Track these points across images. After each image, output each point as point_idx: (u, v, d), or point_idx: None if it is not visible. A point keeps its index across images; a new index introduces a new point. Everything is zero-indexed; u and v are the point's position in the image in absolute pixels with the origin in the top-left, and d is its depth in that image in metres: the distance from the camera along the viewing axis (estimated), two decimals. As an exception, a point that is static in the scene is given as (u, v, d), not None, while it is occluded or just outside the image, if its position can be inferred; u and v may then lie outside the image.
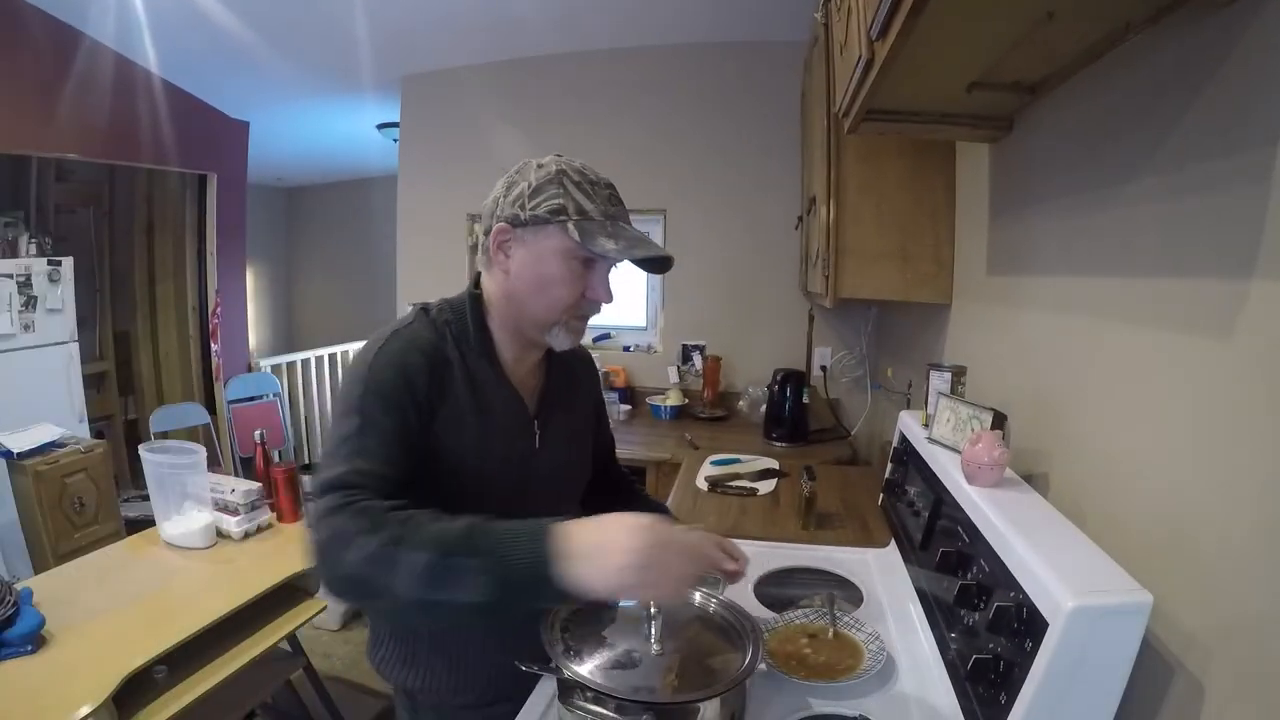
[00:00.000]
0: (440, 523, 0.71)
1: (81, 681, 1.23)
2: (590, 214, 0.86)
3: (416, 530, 0.69)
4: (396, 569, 0.67)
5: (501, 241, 0.89)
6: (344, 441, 0.79)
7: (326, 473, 0.77)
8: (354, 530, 0.69)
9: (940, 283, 1.64)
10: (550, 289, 0.89)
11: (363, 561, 0.68)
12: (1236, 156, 0.66)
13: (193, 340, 4.26)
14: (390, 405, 0.82)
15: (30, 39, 2.86)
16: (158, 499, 1.80)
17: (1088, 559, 0.75)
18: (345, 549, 0.69)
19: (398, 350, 0.86)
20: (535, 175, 0.88)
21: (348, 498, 0.73)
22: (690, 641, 0.87)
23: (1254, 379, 0.63)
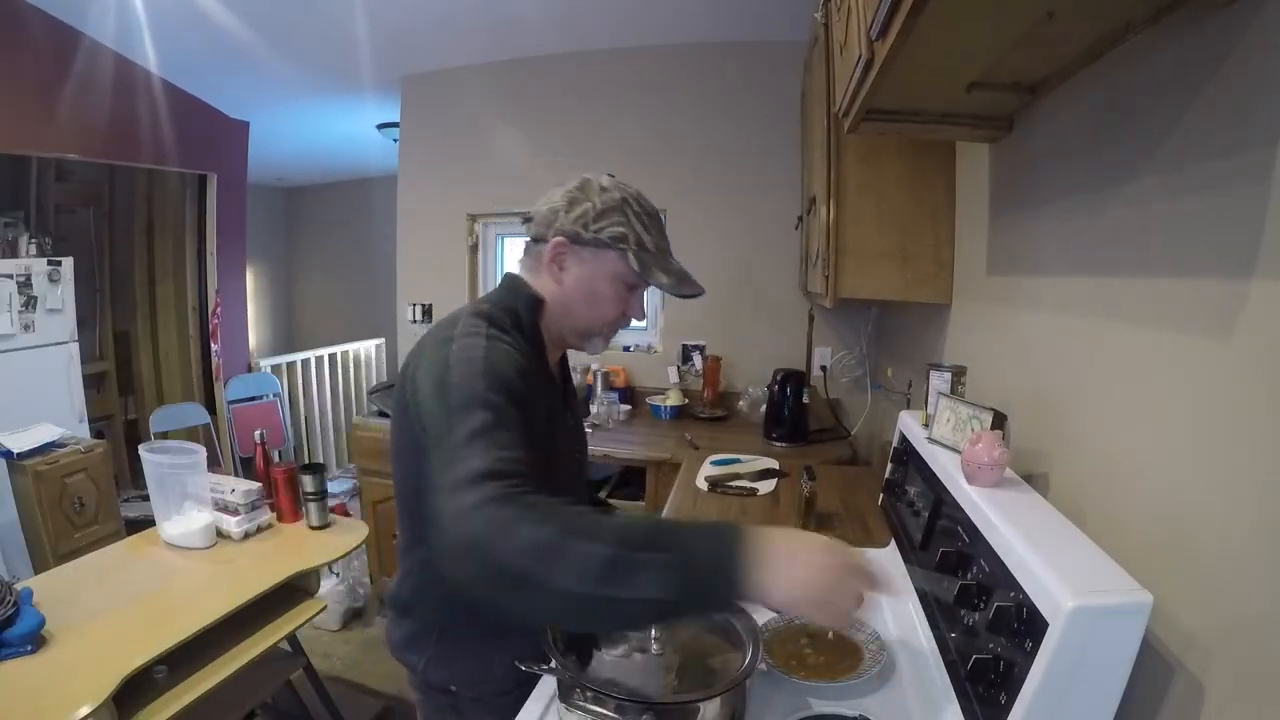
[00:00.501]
0: (618, 519, 0.72)
1: (81, 681, 1.23)
2: (648, 246, 0.96)
3: (595, 523, 0.67)
4: (569, 561, 0.63)
5: (558, 254, 0.96)
6: (476, 435, 0.74)
7: (467, 466, 0.71)
8: (525, 519, 0.66)
9: (940, 283, 1.64)
10: (599, 304, 0.99)
11: (529, 550, 0.64)
12: (1236, 156, 0.66)
13: (193, 340, 4.26)
14: (515, 398, 0.82)
15: (30, 39, 2.86)
16: (158, 499, 1.80)
17: (1088, 559, 0.75)
18: (509, 538, 0.65)
19: (503, 345, 0.88)
20: (600, 199, 0.95)
21: (509, 487, 0.68)
22: (690, 641, 0.89)
23: (1254, 379, 0.63)
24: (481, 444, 0.74)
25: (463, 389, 0.80)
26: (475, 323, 0.91)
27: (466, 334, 0.88)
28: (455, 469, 0.71)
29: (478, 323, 0.91)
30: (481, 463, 0.71)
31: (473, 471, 0.70)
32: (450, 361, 0.84)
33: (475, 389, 0.80)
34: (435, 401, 0.82)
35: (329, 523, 1.95)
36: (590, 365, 2.93)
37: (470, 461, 0.71)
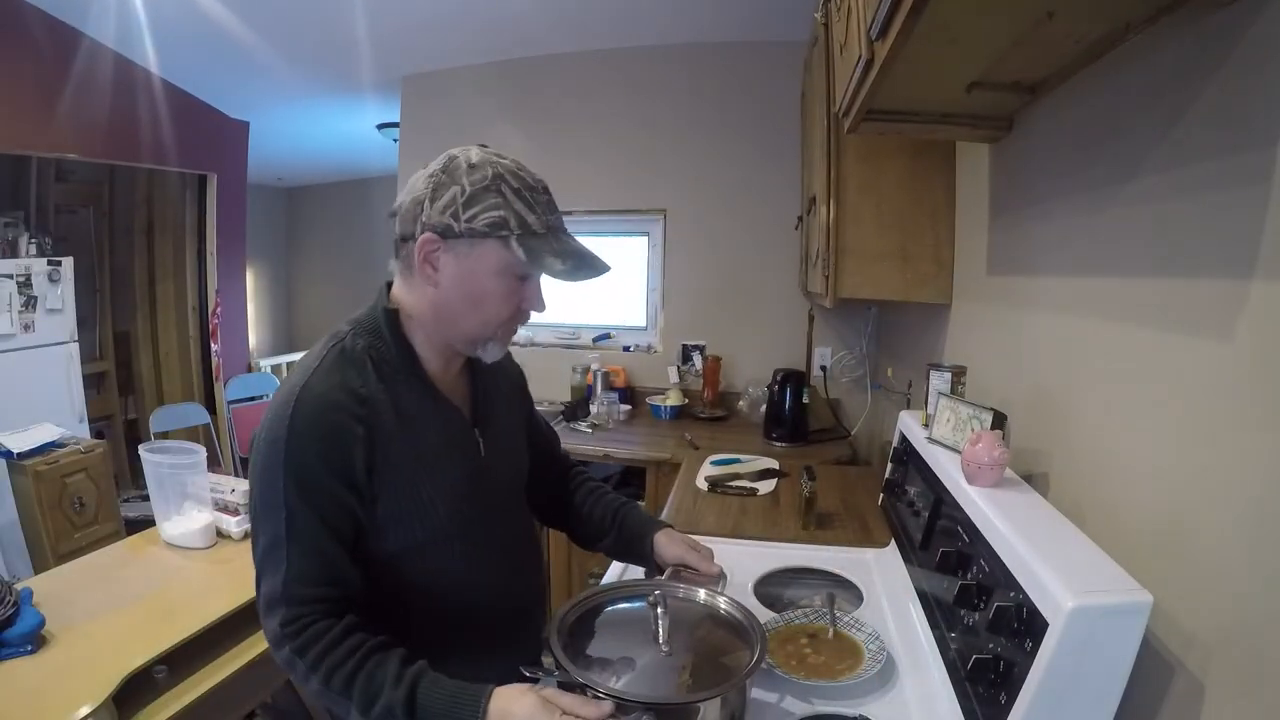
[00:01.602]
0: (383, 675, 0.74)
1: (81, 681, 1.23)
2: (533, 227, 0.80)
3: (361, 685, 0.74)
4: (347, 712, 0.75)
5: (429, 253, 0.81)
6: (276, 545, 0.77)
7: (266, 583, 0.78)
8: (303, 669, 0.75)
9: (940, 283, 1.64)
10: (485, 305, 0.83)
11: (318, 696, 0.77)
12: (1236, 156, 0.66)
13: (193, 340, 4.26)
14: (319, 497, 0.77)
15: (30, 39, 2.86)
16: (158, 499, 1.80)
17: (1088, 559, 0.75)
18: (301, 680, 0.76)
19: (313, 416, 0.77)
20: (469, 180, 0.79)
21: (291, 624, 0.76)
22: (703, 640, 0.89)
23: (1254, 379, 0.63)
24: (275, 558, 0.77)
25: (266, 484, 0.78)
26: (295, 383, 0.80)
27: (284, 402, 0.79)
28: (260, 582, 0.79)
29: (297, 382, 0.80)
30: (274, 583, 0.77)
31: (269, 594, 0.77)
32: (261, 446, 0.78)
33: (275, 486, 0.77)
34: (250, 482, 0.81)
35: (329, 523, 1.95)
36: (590, 365, 2.93)
37: (268, 579, 0.78)
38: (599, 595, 0.95)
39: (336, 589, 0.79)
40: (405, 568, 0.86)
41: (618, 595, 0.96)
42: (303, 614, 0.76)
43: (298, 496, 0.77)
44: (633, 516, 1.12)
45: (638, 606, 0.92)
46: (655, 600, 0.89)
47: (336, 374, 0.81)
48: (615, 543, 1.11)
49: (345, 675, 0.74)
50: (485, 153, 0.84)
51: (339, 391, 0.79)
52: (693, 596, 0.96)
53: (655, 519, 1.15)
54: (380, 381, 0.83)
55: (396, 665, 0.75)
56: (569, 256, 0.82)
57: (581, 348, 3.19)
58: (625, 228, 3.12)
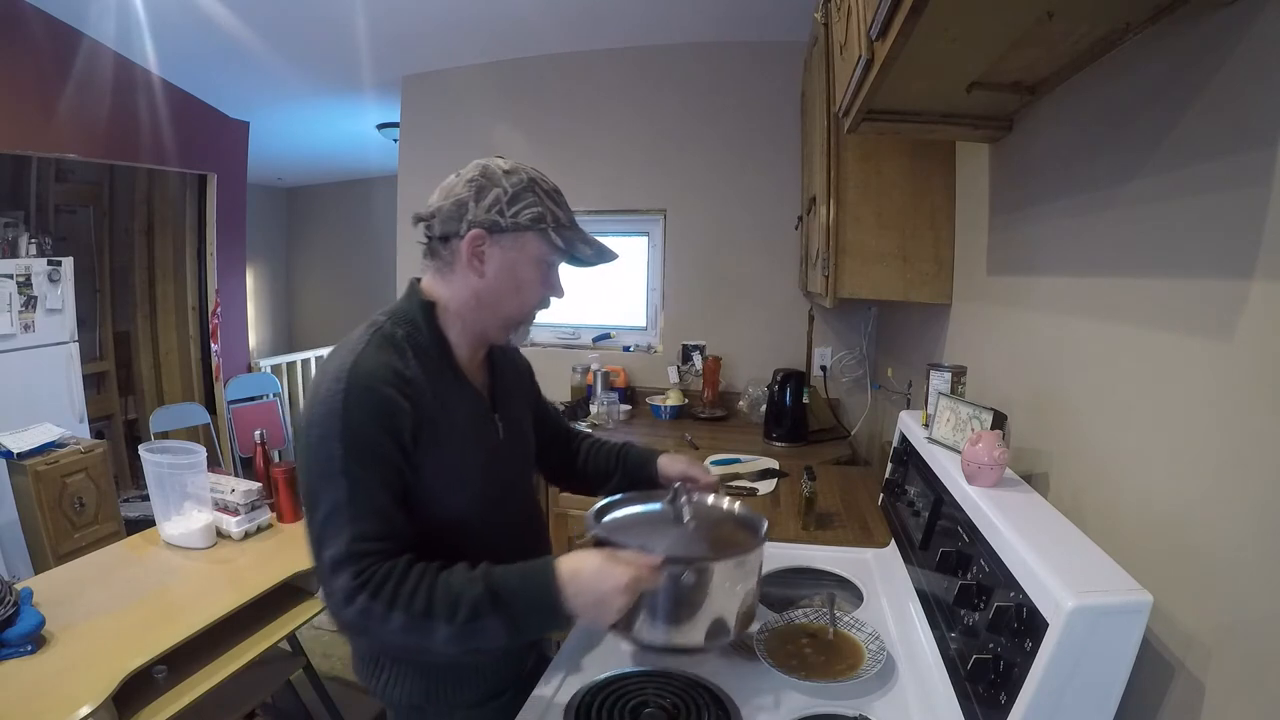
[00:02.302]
0: (457, 581, 0.82)
1: (81, 681, 1.23)
2: (564, 221, 0.94)
3: (440, 597, 0.80)
4: (432, 635, 0.80)
5: (476, 247, 0.91)
6: (336, 511, 0.81)
7: (330, 548, 0.81)
8: (381, 609, 0.79)
9: (940, 283, 1.64)
10: (526, 290, 0.95)
11: (399, 632, 0.80)
12: (1236, 156, 0.66)
13: (193, 340, 4.26)
14: (374, 459, 0.83)
15: (30, 39, 2.86)
16: (158, 499, 1.80)
17: (1088, 559, 0.75)
18: (380, 626, 0.80)
19: (366, 390, 0.83)
20: (509, 183, 0.91)
21: (361, 575, 0.80)
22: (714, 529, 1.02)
23: (1254, 379, 0.63)
24: (337, 524, 0.81)
25: (322, 456, 0.82)
26: (343, 362, 0.85)
27: (334, 378, 0.84)
28: (322, 551, 0.82)
29: (345, 361, 0.85)
30: (339, 547, 0.81)
31: (334, 557, 0.81)
32: (313, 422, 0.83)
33: (333, 455, 0.82)
34: (302, 468, 0.85)
35: (329, 523, 1.95)
36: (590, 365, 2.93)
37: (332, 545, 0.81)
38: (621, 500, 1.09)
39: (395, 542, 0.84)
40: (436, 540, 0.90)
41: (636, 500, 1.09)
42: (370, 564, 0.81)
43: (356, 462, 0.82)
44: (634, 452, 1.27)
45: (655, 507, 1.05)
46: (675, 494, 1.03)
47: (382, 355, 0.88)
48: (622, 476, 1.23)
49: (424, 596, 0.80)
50: (511, 161, 0.95)
51: (386, 370, 0.86)
52: (703, 500, 1.10)
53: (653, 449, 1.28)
54: (420, 366, 0.90)
55: (464, 570, 0.84)
56: (591, 244, 0.96)
57: (581, 348, 3.19)
58: (625, 227, 3.13)
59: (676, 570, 0.87)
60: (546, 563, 0.85)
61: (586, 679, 0.99)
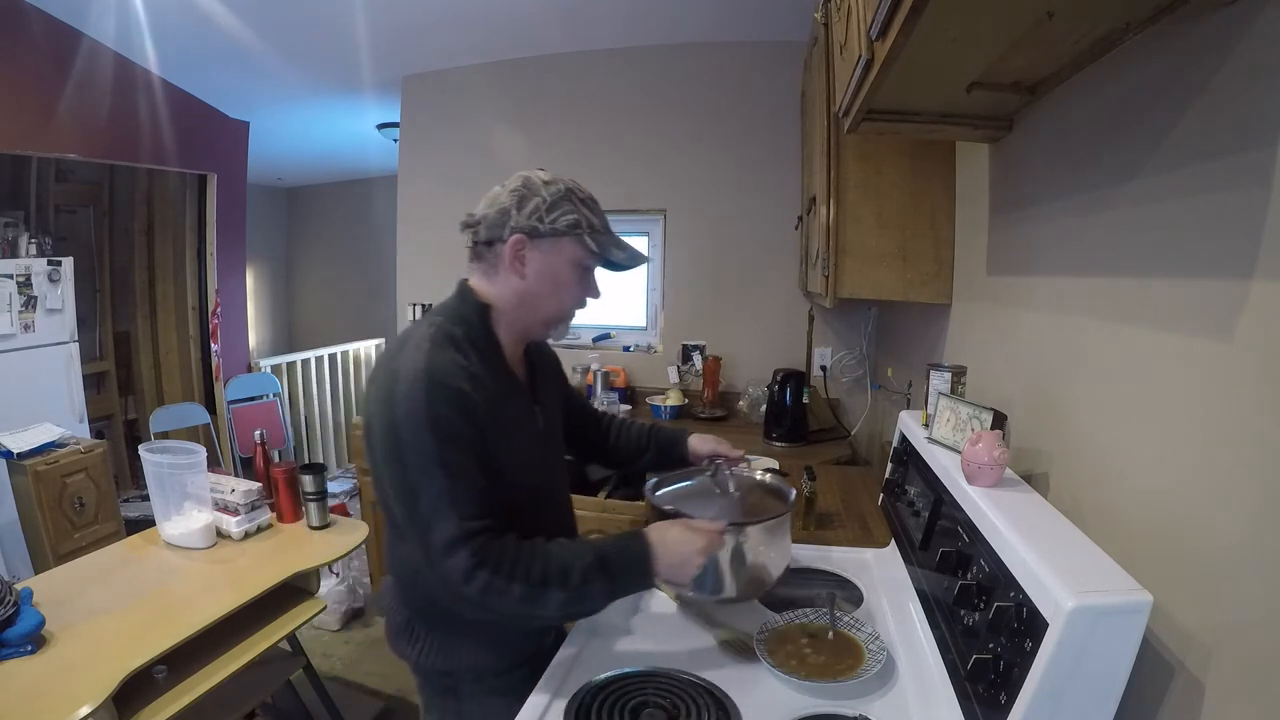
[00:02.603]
0: (567, 552, 0.94)
1: (81, 681, 1.23)
2: (598, 227, 1.03)
3: (548, 569, 0.91)
4: (547, 602, 0.90)
5: (518, 251, 1.00)
6: (440, 499, 0.89)
7: (440, 532, 0.89)
8: (503, 582, 0.89)
9: (940, 283, 1.64)
10: (563, 291, 1.03)
11: (518, 602, 0.90)
12: (1236, 156, 0.66)
13: (193, 340, 4.26)
14: (464, 445, 0.92)
15: (30, 39, 2.86)
16: (158, 499, 1.80)
17: (1088, 559, 0.75)
18: (502, 598, 0.89)
19: (445, 384, 0.91)
20: (547, 192, 0.99)
21: (478, 554, 0.89)
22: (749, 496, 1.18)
23: (1254, 379, 0.63)
24: (446, 507, 0.89)
25: (416, 451, 0.89)
26: (416, 362, 0.91)
27: (412, 375, 0.90)
28: (433, 534, 0.89)
29: (418, 361, 0.92)
30: (450, 529, 0.89)
31: (449, 538, 0.89)
32: (399, 420, 0.89)
33: (426, 448, 0.89)
34: (394, 464, 0.91)
35: (329, 523, 1.95)
36: (590, 365, 2.93)
37: (443, 527, 0.89)
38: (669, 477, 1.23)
39: (494, 517, 0.93)
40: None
41: (681, 477, 1.24)
42: (483, 542, 0.90)
43: (451, 449, 0.90)
44: (664, 432, 1.37)
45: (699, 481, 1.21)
46: (716, 470, 1.21)
47: (449, 353, 0.95)
48: (655, 455, 1.35)
49: (540, 567, 0.91)
50: (551, 174, 1.03)
51: (456, 367, 0.94)
52: (739, 473, 1.24)
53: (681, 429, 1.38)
54: (478, 362, 0.98)
55: (569, 543, 0.96)
56: (624, 249, 1.05)
57: (581, 348, 3.19)
58: (625, 227, 3.12)
59: (734, 531, 1.02)
60: (639, 532, 0.99)
61: (586, 679, 0.99)
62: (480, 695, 1.07)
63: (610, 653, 1.07)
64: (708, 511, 1.07)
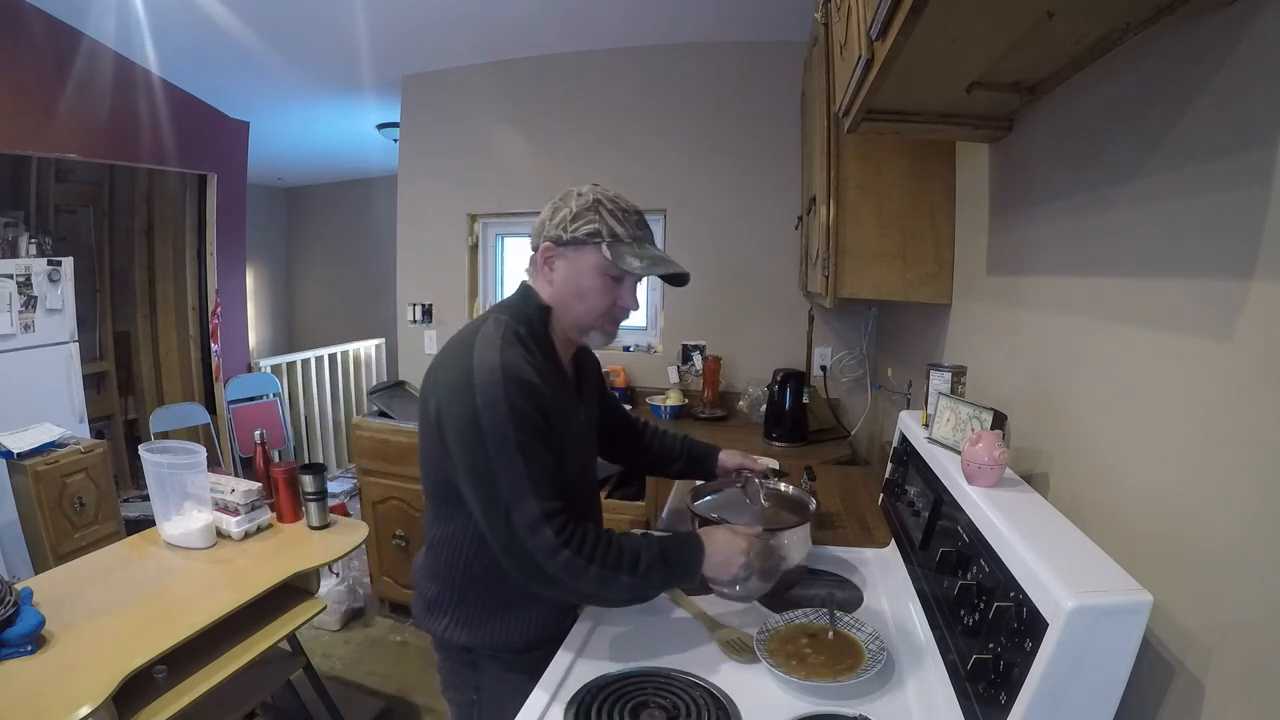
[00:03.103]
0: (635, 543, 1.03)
1: (81, 681, 1.23)
2: (621, 236, 1.06)
3: (620, 555, 1.00)
4: (617, 586, 1.00)
5: (547, 258, 1.08)
6: (522, 483, 0.96)
7: (522, 513, 0.96)
8: (582, 563, 0.97)
9: (940, 283, 1.64)
10: (587, 298, 1.08)
11: (591, 582, 0.98)
12: (1236, 156, 0.66)
13: (193, 340, 4.26)
14: (538, 433, 0.99)
15: (30, 39, 2.86)
16: (158, 499, 1.80)
17: (1088, 559, 0.75)
18: (580, 577, 0.97)
19: (519, 378, 0.98)
20: (576, 203, 1.06)
21: (562, 532, 0.96)
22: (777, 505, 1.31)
23: (1254, 379, 0.63)
24: (527, 490, 0.96)
25: (497, 438, 0.96)
26: (491, 357, 0.99)
27: (488, 365, 0.98)
28: (515, 515, 0.96)
29: (493, 356, 0.99)
30: (532, 510, 0.96)
31: (532, 517, 0.96)
32: (479, 409, 0.96)
33: (507, 436, 0.96)
34: (473, 450, 0.98)
35: (329, 523, 1.95)
36: (590, 365, 2.93)
37: (525, 508, 0.96)
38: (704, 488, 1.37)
39: (567, 499, 1.00)
40: None
41: (711, 489, 1.37)
42: (564, 524, 0.97)
43: (529, 437, 0.97)
44: (697, 444, 1.48)
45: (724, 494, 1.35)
46: (745, 482, 1.35)
47: (518, 350, 1.02)
48: (686, 464, 1.46)
49: (615, 553, 1.00)
50: (594, 187, 1.09)
51: (525, 362, 1.01)
52: (765, 485, 1.34)
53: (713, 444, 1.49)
54: (541, 358, 1.06)
55: (639, 535, 1.07)
56: (646, 258, 1.07)
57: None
58: (625, 228, 3.12)
59: (767, 536, 1.14)
60: (693, 533, 1.11)
61: (587, 679, 0.99)
62: (498, 671, 1.13)
63: (610, 653, 1.07)
64: (741, 519, 1.21)
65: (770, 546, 1.17)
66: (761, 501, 1.30)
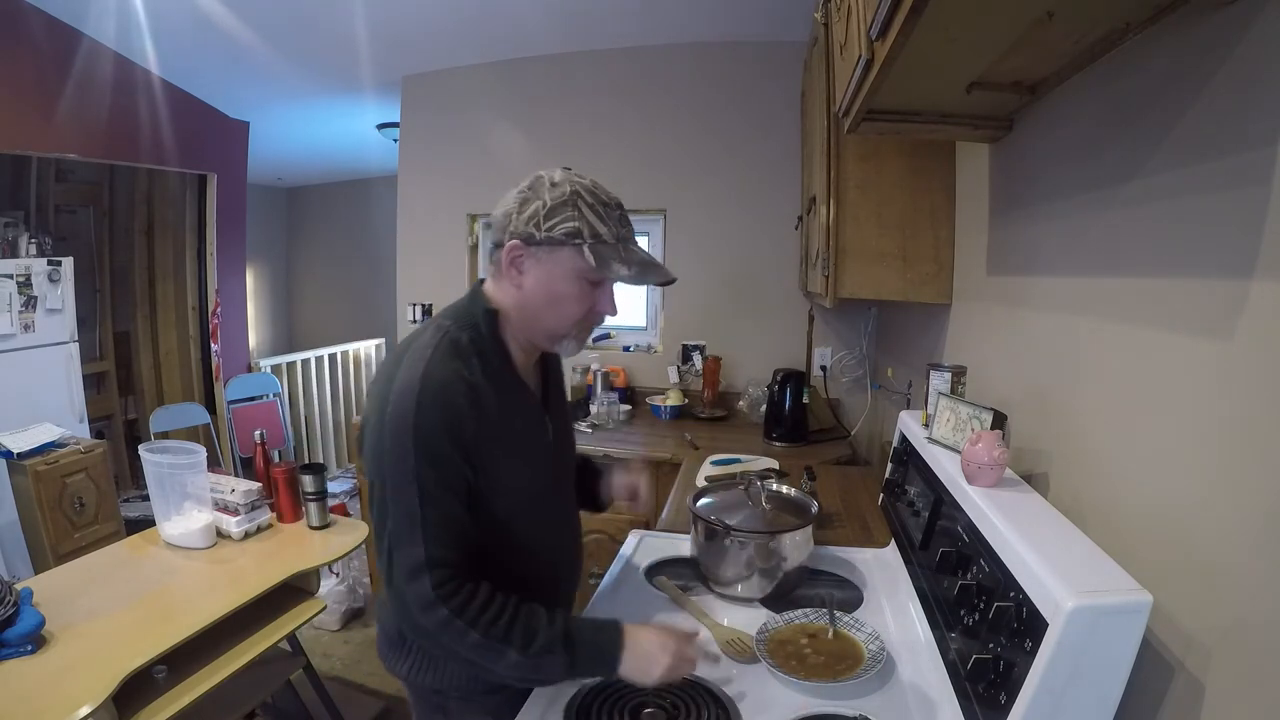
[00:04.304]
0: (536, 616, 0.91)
1: (81, 681, 1.23)
2: (604, 237, 0.92)
3: (519, 627, 0.89)
4: (501, 659, 0.88)
5: (515, 258, 0.94)
6: (413, 520, 0.86)
7: (406, 555, 0.86)
8: (462, 626, 0.86)
9: (940, 283, 1.64)
10: (562, 305, 0.95)
11: (470, 649, 0.87)
12: (1236, 156, 0.66)
13: (193, 340, 4.26)
14: (445, 470, 0.88)
15: (30, 39, 2.86)
16: (158, 499, 1.80)
17: (1088, 559, 0.75)
18: (454, 639, 0.87)
19: (437, 397, 0.87)
20: (550, 195, 0.92)
21: (441, 587, 0.86)
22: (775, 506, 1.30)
23: (1254, 379, 0.63)
24: (411, 530, 0.86)
25: (395, 461, 0.86)
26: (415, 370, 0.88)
27: (407, 385, 0.87)
28: (399, 556, 0.87)
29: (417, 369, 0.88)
30: (416, 554, 0.86)
31: (414, 563, 0.86)
32: (385, 427, 0.86)
33: (405, 462, 0.85)
34: (374, 470, 0.88)
35: (329, 523, 1.95)
36: (590, 365, 2.93)
37: (409, 551, 0.86)
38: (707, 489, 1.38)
39: (464, 551, 0.91)
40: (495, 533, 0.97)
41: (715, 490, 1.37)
42: (450, 576, 0.87)
43: (430, 470, 0.86)
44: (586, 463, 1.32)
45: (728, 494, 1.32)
46: (747, 484, 1.31)
47: (451, 363, 0.90)
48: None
49: (504, 624, 0.88)
50: (566, 173, 0.95)
51: (455, 377, 0.89)
52: (768, 487, 1.33)
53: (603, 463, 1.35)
54: (482, 371, 0.94)
55: (545, 611, 0.92)
56: (634, 263, 0.94)
57: (581, 348, 3.19)
58: (625, 228, 3.12)
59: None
60: (616, 624, 0.95)
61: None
62: (470, 713, 1.04)
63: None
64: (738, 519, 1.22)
65: (771, 549, 1.18)
66: (763, 504, 1.28)
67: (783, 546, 1.19)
